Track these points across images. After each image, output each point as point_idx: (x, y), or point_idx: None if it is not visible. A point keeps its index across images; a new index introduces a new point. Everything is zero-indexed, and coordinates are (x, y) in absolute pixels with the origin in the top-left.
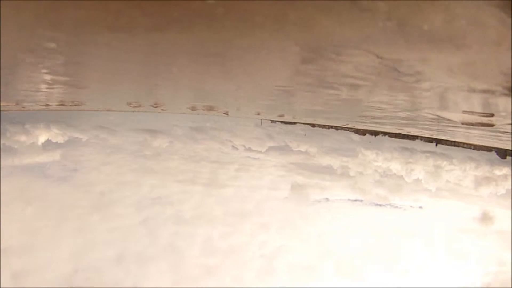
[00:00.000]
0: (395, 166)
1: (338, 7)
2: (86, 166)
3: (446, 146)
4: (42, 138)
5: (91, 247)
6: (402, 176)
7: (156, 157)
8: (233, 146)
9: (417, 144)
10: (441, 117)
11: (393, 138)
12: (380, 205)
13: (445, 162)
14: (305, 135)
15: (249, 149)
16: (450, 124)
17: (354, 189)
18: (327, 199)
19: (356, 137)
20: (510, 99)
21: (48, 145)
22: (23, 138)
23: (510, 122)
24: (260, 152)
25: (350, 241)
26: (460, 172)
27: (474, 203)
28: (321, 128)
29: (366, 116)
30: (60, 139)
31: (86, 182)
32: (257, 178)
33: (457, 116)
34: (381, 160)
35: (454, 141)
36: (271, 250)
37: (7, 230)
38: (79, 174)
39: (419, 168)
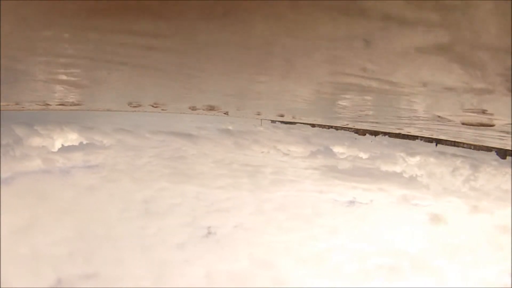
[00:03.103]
0: (441, 170)
1: None
2: (114, 172)
3: (470, 150)
4: (58, 142)
5: (170, 270)
6: (447, 179)
7: (183, 160)
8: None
9: (447, 148)
10: (441, 117)
11: (423, 142)
12: (430, 205)
13: (484, 166)
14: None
15: (283, 153)
16: (450, 124)
17: (404, 189)
18: (371, 201)
19: (385, 141)
20: (510, 99)
21: (68, 149)
22: (38, 141)
23: (510, 122)
24: (295, 156)
25: (413, 240)
26: (491, 176)
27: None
28: (346, 131)
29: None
30: (77, 142)
31: (120, 190)
32: (298, 182)
33: (457, 116)
34: (430, 164)
35: (454, 141)
36: (352, 253)
37: (61, 255)
38: (109, 181)
39: (466, 172)
